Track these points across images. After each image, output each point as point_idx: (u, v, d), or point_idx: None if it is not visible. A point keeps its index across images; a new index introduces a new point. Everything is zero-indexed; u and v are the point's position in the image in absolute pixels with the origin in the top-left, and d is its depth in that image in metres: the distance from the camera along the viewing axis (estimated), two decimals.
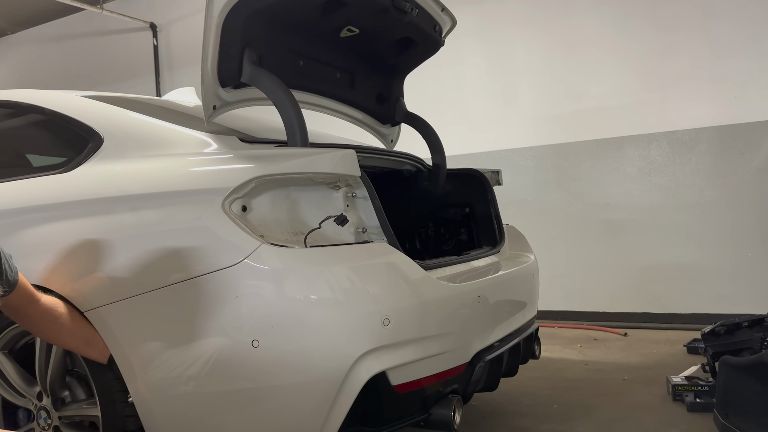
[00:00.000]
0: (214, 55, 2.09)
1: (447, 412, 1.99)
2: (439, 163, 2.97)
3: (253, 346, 1.71)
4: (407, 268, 1.92)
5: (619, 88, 5.10)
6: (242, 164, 1.88)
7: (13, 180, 2.21)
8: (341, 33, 2.52)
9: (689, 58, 4.84)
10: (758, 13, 4.62)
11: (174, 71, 7.63)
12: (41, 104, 2.34)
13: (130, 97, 2.63)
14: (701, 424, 2.70)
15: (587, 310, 5.19)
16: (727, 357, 2.54)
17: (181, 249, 1.77)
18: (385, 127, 3.15)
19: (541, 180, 5.43)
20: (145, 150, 2.04)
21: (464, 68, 5.74)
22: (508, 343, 2.38)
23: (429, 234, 3.11)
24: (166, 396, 1.79)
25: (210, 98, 2.15)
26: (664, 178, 4.97)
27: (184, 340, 1.77)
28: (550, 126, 5.38)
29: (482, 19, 5.62)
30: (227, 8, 2.05)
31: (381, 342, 1.77)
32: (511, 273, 2.59)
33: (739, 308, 4.47)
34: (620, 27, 5.08)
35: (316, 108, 2.77)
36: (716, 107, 4.76)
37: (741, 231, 4.69)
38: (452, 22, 2.83)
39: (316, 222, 1.91)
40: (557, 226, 5.31)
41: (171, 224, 1.84)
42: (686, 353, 3.96)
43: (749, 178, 4.67)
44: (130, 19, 7.63)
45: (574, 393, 3.26)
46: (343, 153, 1.92)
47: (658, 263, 4.97)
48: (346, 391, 1.74)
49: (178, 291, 1.76)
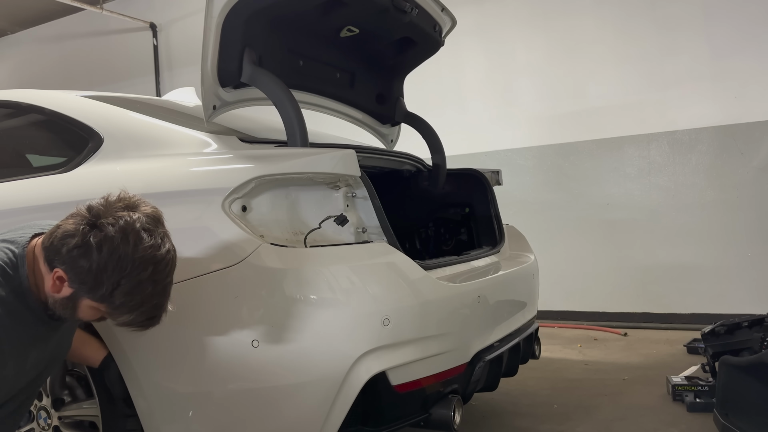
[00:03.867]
0: (214, 55, 2.09)
1: (447, 412, 1.99)
2: (439, 163, 2.97)
3: (253, 346, 1.71)
4: (407, 268, 1.92)
5: (619, 88, 5.10)
6: (242, 164, 1.88)
7: (13, 180, 2.21)
8: (341, 33, 2.52)
9: (689, 58, 4.84)
10: (758, 13, 4.62)
11: (174, 71, 7.63)
12: (41, 104, 2.34)
13: (130, 97, 2.63)
14: (701, 424, 2.70)
15: (587, 310, 5.19)
16: (727, 357, 2.54)
17: (180, 249, 1.76)
18: (385, 127, 3.15)
19: (541, 180, 5.42)
20: (145, 150, 2.04)
21: (464, 68, 5.74)
22: (508, 343, 2.38)
23: (429, 234, 3.11)
24: (165, 396, 1.79)
25: (210, 98, 2.15)
26: (664, 178, 4.97)
27: (184, 340, 1.77)
28: (550, 126, 5.38)
29: (482, 19, 5.62)
30: (227, 8, 2.05)
31: (381, 342, 1.78)
32: (511, 273, 2.59)
33: (739, 308, 4.47)
34: (620, 27, 5.08)
35: (316, 108, 2.77)
36: (716, 107, 4.76)
37: (741, 231, 4.69)
38: (452, 22, 2.83)
39: (316, 222, 1.91)
40: (557, 226, 5.31)
41: (171, 224, 1.83)
42: (686, 353, 3.96)
43: (749, 178, 4.67)
44: (130, 19, 7.63)
45: (574, 393, 3.26)
46: (343, 153, 1.92)
47: (658, 263, 4.97)
48: (346, 391, 1.74)
49: (178, 291, 1.75)
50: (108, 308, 1.47)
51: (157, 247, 1.46)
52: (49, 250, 1.46)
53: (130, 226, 1.43)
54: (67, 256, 1.42)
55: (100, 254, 1.40)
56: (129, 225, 1.43)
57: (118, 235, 1.41)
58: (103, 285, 1.42)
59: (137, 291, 1.44)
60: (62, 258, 1.43)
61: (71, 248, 1.41)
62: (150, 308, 1.50)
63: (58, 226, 1.47)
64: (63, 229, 1.44)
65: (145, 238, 1.44)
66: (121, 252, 1.41)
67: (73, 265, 1.42)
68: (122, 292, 1.43)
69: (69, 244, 1.41)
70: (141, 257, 1.43)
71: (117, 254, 1.40)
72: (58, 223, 1.48)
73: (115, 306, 1.46)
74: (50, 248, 1.46)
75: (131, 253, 1.42)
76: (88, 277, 1.42)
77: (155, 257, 1.45)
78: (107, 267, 1.40)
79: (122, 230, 1.42)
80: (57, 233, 1.45)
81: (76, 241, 1.41)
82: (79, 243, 1.41)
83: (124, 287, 1.43)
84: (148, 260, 1.44)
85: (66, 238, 1.42)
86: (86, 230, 1.41)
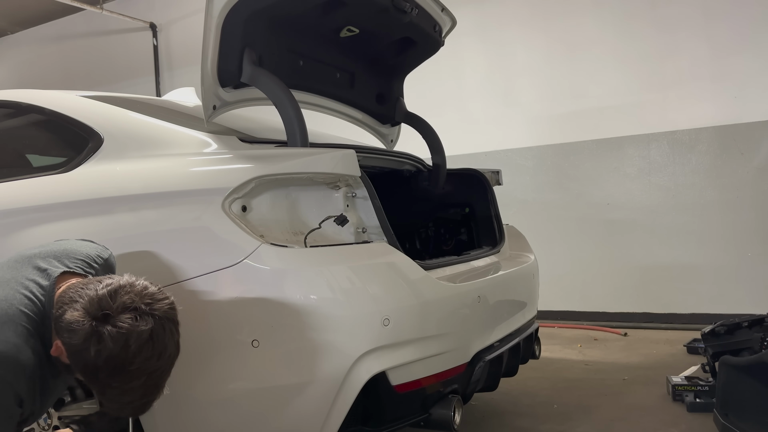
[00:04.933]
0: (214, 55, 2.09)
1: (447, 412, 1.99)
2: (439, 163, 2.97)
3: (253, 346, 1.71)
4: (407, 268, 1.92)
5: (619, 88, 5.10)
6: (242, 164, 1.88)
7: (13, 180, 2.21)
8: (341, 33, 2.52)
9: (689, 58, 4.84)
10: (758, 13, 4.62)
11: (174, 71, 7.63)
12: (41, 104, 2.34)
13: (130, 97, 2.63)
14: (701, 424, 2.70)
15: (587, 310, 5.19)
16: (727, 357, 2.54)
17: (181, 249, 1.77)
18: (385, 127, 3.15)
19: (541, 180, 5.43)
20: (145, 150, 2.04)
21: (464, 68, 5.74)
22: (508, 343, 2.38)
23: (429, 234, 3.11)
24: (165, 396, 1.79)
25: (210, 98, 2.15)
26: (664, 178, 4.97)
27: (184, 340, 1.77)
28: (550, 126, 5.38)
29: (482, 19, 5.62)
30: (227, 8, 2.05)
31: (381, 342, 1.78)
32: (511, 273, 2.59)
33: (739, 308, 4.47)
34: (620, 27, 5.08)
35: (316, 108, 2.77)
36: (716, 107, 4.76)
37: (741, 231, 4.69)
38: (452, 22, 2.83)
39: (316, 222, 1.91)
40: (557, 226, 5.31)
41: (171, 224, 1.84)
42: (686, 353, 3.96)
43: (749, 178, 4.67)
44: (130, 19, 7.63)
45: (574, 393, 3.26)
46: (343, 153, 1.92)
47: (658, 263, 4.97)
48: (346, 391, 1.74)
49: (178, 291, 1.76)
50: (99, 396, 1.49)
51: (157, 356, 1.43)
52: (56, 321, 1.45)
53: (132, 335, 1.40)
54: (68, 344, 1.42)
55: (97, 359, 1.39)
56: (131, 334, 1.39)
57: (117, 346, 1.38)
58: (96, 381, 1.43)
59: (127, 394, 1.45)
60: (64, 341, 1.43)
61: (72, 343, 1.41)
62: (139, 405, 1.50)
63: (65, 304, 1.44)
64: (69, 317, 1.41)
65: (145, 350, 1.41)
66: (117, 362, 1.39)
67: (71, 353, 1.42)
68: (113, 394, 1.44)
69: (71, 338, 1.40)
70: (137, 369, 1.41)
71: (112, 363, 1.39)
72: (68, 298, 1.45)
73: (106, 398, 1.47)
74: (56, 322, 1.45)
75: (127, 365, 1.40)
76: (84, 370, 1.43)
77: (150, 367, 1.43)
78: (101, 370, 1.40)
79: (124, 339, 1.39)
80: (64, 317, 1.42)
81: (77, 340, 1.40)
82: (78, 344, 1.39)
83: (115, 391, 1.43)
84: (143, 371, 1.42)
85: (70, 330, 1.41)
86: (88, 332, 1.39)
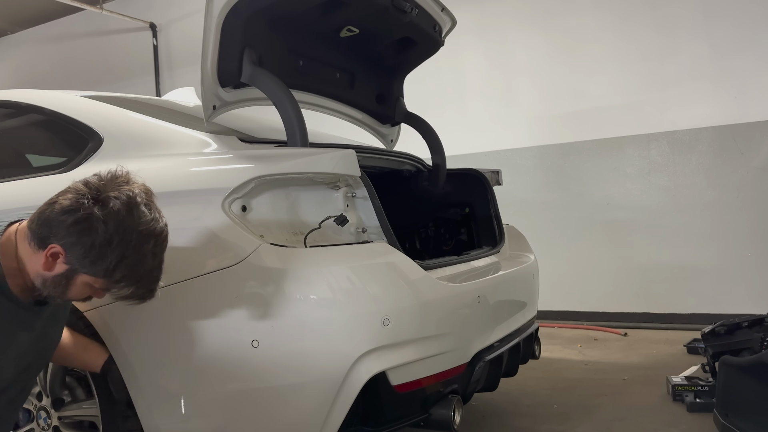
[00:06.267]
0: (214, 55, 2.09)
1: (447, 412, 1.99)
2: (439, 163, 2.97)
3: (253, 346, 1.71)
4: (407, 268, 1.92)
5: (619, 88, 5.10)
6: (242, 164, 1.88)
7: (13, 180, 2.21)
8: (341, 33, 2.52)
9: (689, 58, 4.84)
10: (758, 13, 4.62)
11: (174, 71, 7.63)
12: (41, 104, 2.34)
13: (130, 97, 2.63)
14: (701, 424, 2.69)
15: (587, 310, 5.19)
16: (727, 357, 2.54)
17: (180, 249, 1.77)
18: (385, 127, 3.15)
19: (541, 180, 5.43)
20: (144, 150, 2.04)
21: (464, 68, 5.74)
22: (508, 343, 2.38)
23: (429, 234, 3.11)
24: (165, 396, 1.79)
25: (210, 98, 2.15)
26: (664, 178, 4.97)
27: (184, 340, 1.77)
28: (550, 126, 5.38)
29: (482, 19, 5.62)
30: (227, 8, 2.05)
31: (381, 342, 1.78)
32: (511, 273, 2.58)
33: (739, 308, 4.47)
34: (620, 27, 5.08)
35: (316, 108, 2.77)
36: (716, 107, 4.76)
37: (741, 231, 4.69)
38: (452, 22, 2.82)
39: (316, 222, 1.91)
40: (557, 226, 5.31)
41: (170, 224, 1.83)
42: (686, 353, 3.95)
43: (749, 178, 4.67)
44: (130, 19, 7.63)
45: (574, 393, 3.26)
46: (343, 153, 1.92)
47: (658, 263, 4.97)
48: (345, 391, 1.74)
49: (178, 291, 1.76)
50: (107, 283, 1.46)
51: (156, 220, 1.48)
52: (41, 227, 1.43)
53: (133, 200, 1.44)
54: (68, 232, 1.39)
55: (106, 228, 1.39)
56: (132, 199, 1.43)
57: (123, 209, 1.41)
58: (106, 259, 1.41)
59: (139, 264, 1.45)
60: (61, 234, 1.40)
61: (72, 224, 1.39)
62: (149, 281, 1.51)
63: (52, 203, 1.44)
64: (60, 205, 1.41)
65: (145, 212, 1.45)
66: (126, 225, 1.41)
67: (75, 241, 1.40)
68: (125, 266, 1.43)
69: (69, 220, 1.39)
70: (144, 230, 1.44)
71: (122, 228, 1.40)
72: (49, 201, 1.45)
73: (115, 280, 1.46)
74: (43, 225, 1.42)
75: (135, 226, 1.42)
76: (91, 252, 1.40)
77: (156, 230, 1.47)
78: (112, 241, 1.40)
79: (126, 204, 1.42)
80: (52, 210, 1.41)
81: (79, 216, 1.39)
82: (81, 218, 1.38)
83: (128, 260, 1.43)
84: (150, 233, 1.45)
85: (64, 214, 1.40)
86: (89, 204, 1.40)
